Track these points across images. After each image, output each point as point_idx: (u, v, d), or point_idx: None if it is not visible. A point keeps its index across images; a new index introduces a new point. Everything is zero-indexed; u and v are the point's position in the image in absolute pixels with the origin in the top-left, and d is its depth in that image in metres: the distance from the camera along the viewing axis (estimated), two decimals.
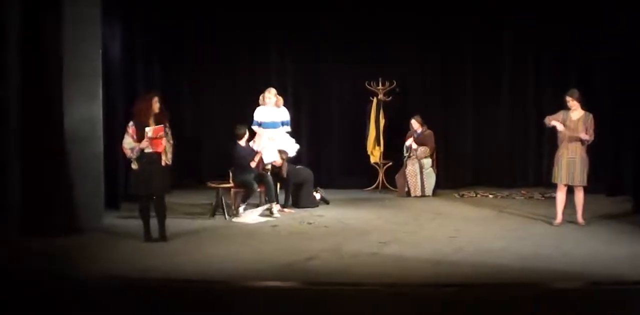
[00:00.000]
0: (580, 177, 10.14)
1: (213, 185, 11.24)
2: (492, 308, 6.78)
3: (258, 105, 11.95)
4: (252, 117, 11.90)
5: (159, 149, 9.17)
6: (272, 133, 11.89)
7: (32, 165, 9.52)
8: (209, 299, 7.00)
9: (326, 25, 13.95)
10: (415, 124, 13.28)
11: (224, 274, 7.87)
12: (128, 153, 9.16)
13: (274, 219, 11.05)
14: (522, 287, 7.44)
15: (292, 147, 12.10)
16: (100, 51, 10.32)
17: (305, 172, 12.28)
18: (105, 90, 10.44)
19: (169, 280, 7.60)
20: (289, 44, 14.27)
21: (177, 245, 9.20)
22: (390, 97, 13.68)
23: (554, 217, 10.41)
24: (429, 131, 13.28)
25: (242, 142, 11.52)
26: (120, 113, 11.39)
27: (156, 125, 9.17)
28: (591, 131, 10.04)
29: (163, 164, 9.23)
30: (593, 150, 10.26)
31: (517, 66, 14.21)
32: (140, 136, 9.11)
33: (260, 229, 10.38)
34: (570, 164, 10.13)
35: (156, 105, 9.25)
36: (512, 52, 14.18)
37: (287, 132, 12.09)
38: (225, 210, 11.01)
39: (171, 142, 9.33)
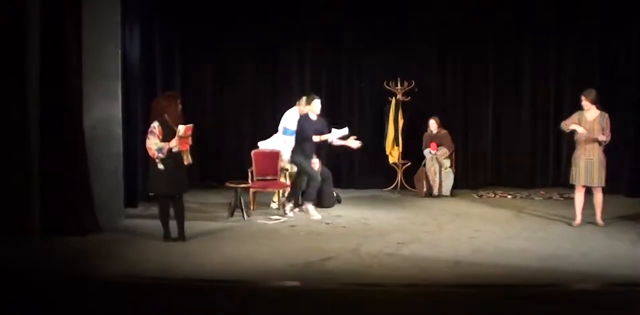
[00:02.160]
0: (598, 178, 10.06)
1: (232, 185, 11.20)
2: (512, 308, 6.75)
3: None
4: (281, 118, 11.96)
5: (184, 148, 9.12)
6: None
7: (52, 165, 9.53)
8: (227, 298, 7.00)
9: (345, 26, 13.98)
10: (433, 124, 13.27)
11: (242, 274, 7.88)
12: (155, 154, 9.04)
13: (292, 219, 11.03)
14: (541, 288, 7.42)
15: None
16: (120, 51, 10.36)
17: (326, 171, 12.07)
18: (124, 91, 10.50)
19: (189, 280, 7.60)
20: (309, 44, 14.28)
21: (196, 245, 9.20)
22: (409, 98, 13.64)
23: (573, 218, 10.36)
24: (444, 131, 13.27)
25: (312, 115, 11.17)
26: (139, 113, 11.46)
27: (177, 124, 9.12)
28: (608, 131, 9.99)
29: (186, 163, 9.21)
30: (612, 150, 10.22)
31: (538, 66, 14.18)
32: (166, 136, 9.04)
33: (278, 229, 10.37)
34: (588, 165, 10.05)
35: (180, 106, 9.26)
36: (532, 51, 14.16)
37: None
38: (243, 210, 10.97)
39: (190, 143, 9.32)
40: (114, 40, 10.23)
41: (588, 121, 10.05)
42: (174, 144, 9.01)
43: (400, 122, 13.67)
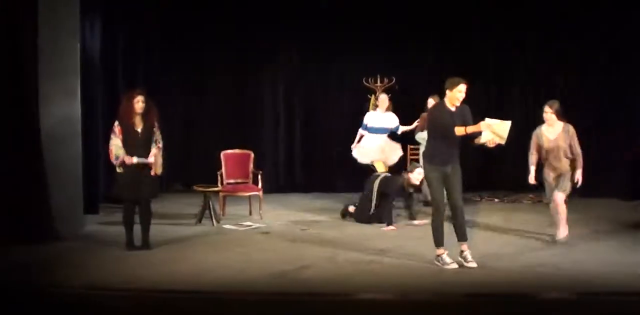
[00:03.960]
0: (562, 184, 9.36)
1: (200, 188, 10.96)
2: None
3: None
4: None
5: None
6: (378, 138, 11.98)
7: (7, 168, 9.29)
8: (198, 310, 6.89)
9: (324, 23, 13.80)
10: (432, 103, 12.34)
11: (213, 283, 7.65)
12: (112, 157, 8.92)
13: (265, 225, 10.80)
14: (528, 296, 7.26)
15: (396, 154, 12.05)
16: (79, 47, 10.17)
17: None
18: (84, 88, 10.29)
19: (156, 291, 7.39)
20: (285, 40, 14.21)
21: (163, 253, 8.99)
22: (390, 94, 13.36)
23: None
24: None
25: (451, 105, 8.61)
26: (100, 112, 11.43)
27: (144, 125, 8.96)
28: (576, 146, 9.31)
29: (152, 173, 9.02)
30: (606, 155, 9.94)
31: (522, 65, 14.15)
32: (126, 136, 8.87)
33: (251, 235, 10.19)
34: (559, 178, 9.42)
35: (139, 105, 8.97)
36: (517, 49, 14.14)
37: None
38: (213, 216, 10.76)
39: (160, 146, 9.12)
40: (73, 34, 10.03)
41: (551, 140, 9.39)
42: (130, 161, 8.82)
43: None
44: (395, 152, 12.00)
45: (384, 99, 12.09)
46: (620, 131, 12.88)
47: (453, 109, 8.25)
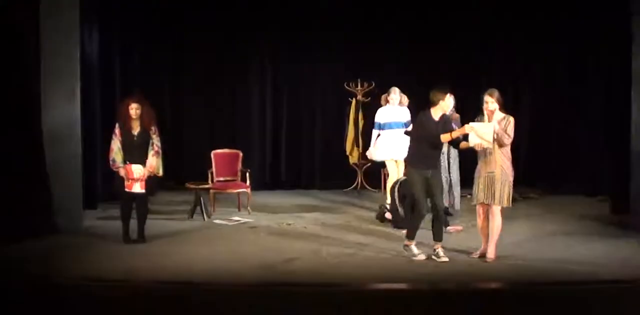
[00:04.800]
0: (499, 196, 8.50)
1: (192, 186, 11.16)
2: (473, 307, 6.83)
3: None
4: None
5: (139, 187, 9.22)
6: (394, 134, 11.32)
7: (10, 166, 9.42)
8: (190, 300, 6.98)
9: (306, 26, 13.87)
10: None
11: (204, 275, 7.87)
12: (110, 158, 9.20)
13: (253, 220, 10.97)
14: (502, 286, 7.68)
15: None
16: (79, 51, 10.27)
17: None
18: (83, 91, 10.37)
19: (151, 282, 7.62)
20: (269, 44, 14.16)
21: (157, 247, 9.17)
22: (369, 98, 13.64)
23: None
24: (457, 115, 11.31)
25: (436, 114, 8.67)
26: (98, 113, 11.41)
27: (140, 129, 9.19)
28: (510, 133, 8.46)
29: (151, 174, 9.28)
30: (572, 149, 10.02)
31: (501, 66, 14.17)
32: (124, 138, 9.13)
33: (239, 230, 10.36)
34: (488, 180, 8.53)
35: (133, 111, 9.21)
36: (494, 52, 14.22)
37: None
38: (204, 211, 10.94)
39: (157, 149, 9.32)
40: (72, 40, 10.13)
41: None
42: (122, 173, 9.14)
43: (361, 123, 13.66)
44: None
45: (394, 93, 11.33)
46: (583, 129, 13.07)
47: (437, 118, 8.59)
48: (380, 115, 11.51)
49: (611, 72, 11.84)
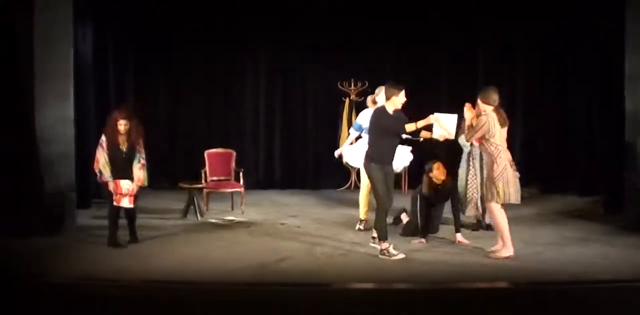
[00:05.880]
0: (487, 191, 8.70)
1: (185, 185, 11.18)
2: (465, 307, 6.87)
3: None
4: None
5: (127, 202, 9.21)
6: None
7: (4, 165, 9.48)
8: (182, 300, 6.98)
9: (299, 26, 13.89)
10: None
11: (197, 275, 7.88)
12: (96, 169, 9.19)
13: (246, 219, 11.00)
14: (494, 287, 7.62)
15: (401, 160, 10.29)
16: (72, 51, 10.30)
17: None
18: (77, 91, 10.41)
19: (144, 281, 7.65)
20: (262, 44, 14.22)
21: (151, 246, 9.20)
22: (363, 98, 13.63)
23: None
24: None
25: (389, 109, 8.83)
26: (91, 113, 11.44)
27: (128, 144, 9.19)
28: (476, 129, 8.56)
29: (138, 185, 9.26)
30: (566, 150, 10.00)
31: (494, 66, 14.16)
32: (110, 151, 9.13)
33: (233, 229, 10.37)
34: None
35: (122, 127, 9.17)
36: (487, 52, 14.22)
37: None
38: (197, 211, 10.95)
39: (143, 162, 9.32)
40: (66, 39, 10.18)
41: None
42: (111, 187, 9.11)
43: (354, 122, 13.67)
44: (399, 158, 9.91)
45: (381, 93, 9.55)
46: (577, 128, 13.11)
47: (391, 112, 8.79)
48: (364, 118, 9.95)
49: (606, 70, 11.82)
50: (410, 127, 8.57)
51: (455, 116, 8.55)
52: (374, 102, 10.04)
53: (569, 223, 10.67)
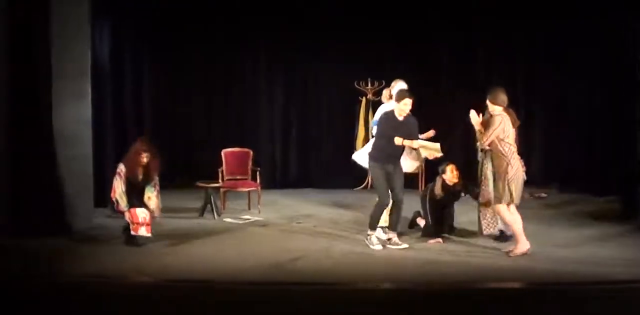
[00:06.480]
0: (494, 192, 8.83)
1: (202, 184, 11.21)
2: (480, 308, 6.84)
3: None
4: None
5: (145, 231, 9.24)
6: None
7: (22, 166, 9.55)
8: (196, 299, 7.03)
9: (315, 26, 13.89)
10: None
11: (212, 274, 7.92)
12: (113, 196, 9.22)
13: (262, 218, 11.01)
14: (509, 287, 7.63)
15: (410, 161, 9.79)
16: (89, 51, 10.35)
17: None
18: (94, 91, 10.45)
19: (158, 281, 7.70)
20: (278, 44, 14.21)
21: (166, 245, 9.21)
22: (379, 97, 13.59)
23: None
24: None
25: (397, 113, 9.05)
26: (108, 113, 11.47)
27: (146, 174, 9.26)
28: (489, 132, 8.60)
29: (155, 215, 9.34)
30: (582, 150, 9.98)
31: (508, 66, 14.22)
32: (128, 181, 9.17)
33: (249, 228, 10.40)
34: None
35: (144, 159, 9.24)
36: (504, 52, 14.22)
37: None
38: (214, 210, 10.99)
39: (158, 188, 9.42)
40: (83, 39, 10.22)
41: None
42: (127, 217, 9.15)
43: (371, 122, 13.66)
44: (408, 158, 9.69)
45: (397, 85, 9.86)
46: (593, 129, 13.10)
47: (401, 118, 9.04)
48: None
49: (624, 72, 11.74)
50: (397, 140, 8.85)
51: (437, 144, 9.09)
52: (390, 96, 9.93)
53: (585, 223, 10.62)
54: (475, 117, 8.75)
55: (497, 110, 8.64)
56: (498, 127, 8.51)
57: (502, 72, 14.17)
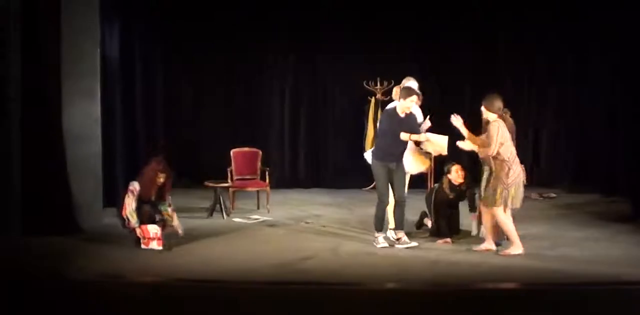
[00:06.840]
0: (484, 195, 8.84)
1: (211, 184, 11.22)
2: (489, 307, 6.83)
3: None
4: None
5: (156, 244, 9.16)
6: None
7: (32, 164, 9.55)
8: (206, 298, 7.02)
9: (325, 25, 13.92)
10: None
11: (221, 273, 7.92)
12: (124, 214, 9.09)
13: (271, 218, 11.01)
14: (519, 288, 7.61)
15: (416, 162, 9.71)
16: (99, 49, 10.36)
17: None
18: (103, 89, 10.47)
19: (166, 280, 7.71)
20: (288, 43, 14.25)
21: (175, 245, 9.14)
22: (389, 97, 13.58)
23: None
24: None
25: (399, 110, 9.14)
26: (118, 112, 11.48)
27: (158, 194, 9.22)
28: (491, 140, 8.55)
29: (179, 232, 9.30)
30: (587, 150, 9.96)
31: (516, 67, 14.22)
32: (141, 199, 9.09)
33: (257, 228, 10.41)
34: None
35: (161, 180, 9.21)
36: (510, 51, 14.20)
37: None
38: (223, 210, 10.99)
39: (173, 207, 9.39)
40: (93, 38, 10.24)
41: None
42: (138, 233, 9.07)
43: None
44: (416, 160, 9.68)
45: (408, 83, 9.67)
46: (601, 129, 13.07)
47: (403, 115, 9.06)
48: None
49: (636, 73, 11.75)
50: (404, 136, 8.87)
51: (446, 137, 8.99)
52: None
53: (594, 224, 10.58)
54: (458, 120, 8.75)
55: (492, 117, 8.65)
56: (498, 133, 8.51)
57: (513, 71, 14.19)
